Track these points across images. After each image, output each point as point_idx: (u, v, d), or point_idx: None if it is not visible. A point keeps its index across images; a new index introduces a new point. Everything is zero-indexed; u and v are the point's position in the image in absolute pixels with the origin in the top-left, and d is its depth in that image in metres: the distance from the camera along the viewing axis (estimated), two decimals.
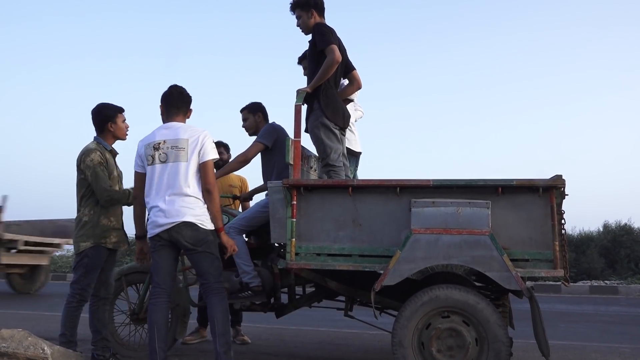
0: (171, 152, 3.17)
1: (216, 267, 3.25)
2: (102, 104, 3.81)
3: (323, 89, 3.77)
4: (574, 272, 11.17)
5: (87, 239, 3.62)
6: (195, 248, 3.15)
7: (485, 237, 2.98)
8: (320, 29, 3.81)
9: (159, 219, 3.14)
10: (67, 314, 3.62)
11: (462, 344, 3.01)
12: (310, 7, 3.90)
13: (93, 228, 3.64)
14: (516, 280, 2.94)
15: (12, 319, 6.16)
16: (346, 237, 3.26)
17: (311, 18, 3.90)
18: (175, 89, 3.39)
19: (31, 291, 9.59)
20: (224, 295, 3.25)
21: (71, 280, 3.69)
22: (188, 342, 4.71)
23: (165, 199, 3.14)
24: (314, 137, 3.81)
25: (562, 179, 3.03)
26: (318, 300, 4.04)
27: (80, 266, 3.62)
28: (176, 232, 3.12)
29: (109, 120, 3.76)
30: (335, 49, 3.68)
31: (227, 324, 3.19)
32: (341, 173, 3.78)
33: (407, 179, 3.21)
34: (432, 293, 3.06)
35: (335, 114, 3.80)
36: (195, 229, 3.14)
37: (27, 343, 3.21)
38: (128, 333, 4.10)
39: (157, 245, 3.20)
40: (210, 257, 3.21)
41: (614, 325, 6.33)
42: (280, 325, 5.33)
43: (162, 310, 3.17)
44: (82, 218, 3.67)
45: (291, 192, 3.27)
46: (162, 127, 3.31)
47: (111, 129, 3.77)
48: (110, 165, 3.75)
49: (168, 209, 3.12)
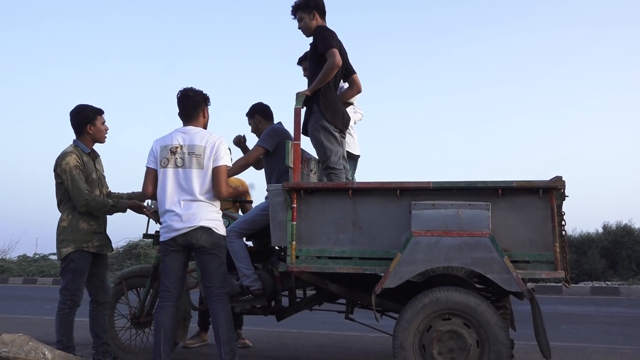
0: (187, 158, 3.17)
1: (222, 272, 3.26)
2: (81, 106, 3.71)
3: (323, 91, 3.77)
4: (575, 274, 11.15)
5: (68, 244, 3.57)
6: (208, 250, 3.17)
7: (485, 239, 2.98)
8: (321, 32, 3.81)
9: (175, 223, 3.14)
10: (60, 320, 3.59)
11: (463, 346, 3.00)
12: (312, 8, 3.91)
13: (73, 233, 3.59)
14: (517, 281, 2.93)
15: (13, 323, 6.16)
16: (346, 240, 3.25)
17: (313, 20, 3.91)
18: (180, 95, 3.35)
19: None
20: (226, 301, 3.25)
21: (60, 287, 3.64)
22: (189, 345, 4.71)
23: (180, 203, 3.14)
24: (314, 139, 3.81)
25: (562, 180, 3.03)
26: (319, 303, 4.03)
27: (67, 271, 3.58)
28: (192, 235, 3.13)
29: (88, 122, 3.68)
30: (336, 53, 3.69)
31: (231, 330, 3.18)
32: (341, 176, 3.78)
33: (407, 181, 3.21)
34: (432, 295, 3.06)
35: (335, 116, 3.80)
36: (210, 233, 3.17)
37: (27, 348, 3.20)
38: (129, 337, 4.10)
39: (169, 250, 3.19)
40: (219, 260, 3.23)
41: (615, 327, 6.32)
42: (281, 329, 5.32)
43: (170, 313, 3.18)
44: (60, 223, 3.62)
45: (291, 195, 3.27)
46: (180, 131, 3.29)
47: (90, 131, 3.69)
48: (89, 169, 3.68)
49: (184, 214, 3.13)
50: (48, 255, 22.68)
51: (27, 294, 10.09)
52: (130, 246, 14.59)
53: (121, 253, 14.90)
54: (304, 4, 3.93)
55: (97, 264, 3.73)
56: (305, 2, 3.92)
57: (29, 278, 15.33)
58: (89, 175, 3.68)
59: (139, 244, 14.39)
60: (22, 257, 19.84)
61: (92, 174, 3.71)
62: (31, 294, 9.62)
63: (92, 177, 3.69)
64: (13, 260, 19.44)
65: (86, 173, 3.65)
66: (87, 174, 3.65)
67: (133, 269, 4.19)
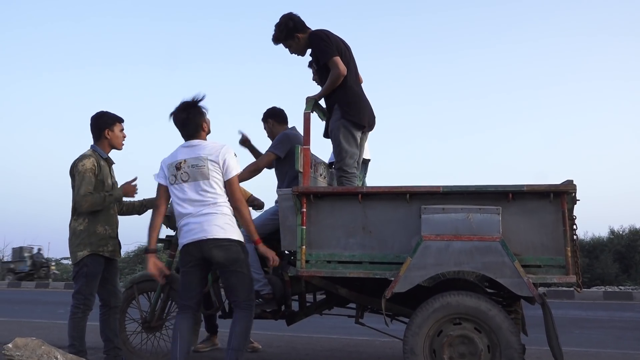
0: (192, 171, 3.15)
1: (246, 285, 3.17)
2: (101, 112, 3.80)
3: (343, 90, 3.73)
4: (587, 278, 11.06)
5: (84, 248, 3.60)
6: (228, 267, 3.12)
7: (496, 243, 2.96)
8: (317, 43, 3.75)
9: (188, 235, 3.13)
10: (73, 325, 3.61)
11: (474, 351, 2.99)
12: (293, 32, 3.84)
13: (89, 236, 3.62)
14: (528, 286, 2.91)
15: (26, 327, 6.22)
16: (356, 244, 3.25)
17: (300, 41, 3.87)
18: (174, 117, 3.27)
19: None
20: (251, 313, 3.19)
21: (73, 291, 3.66)
22: (200, 349, 4.72)
23: (192, 217, 3.12)
24: (333, 137, 3.80)
25: (573, 184, 3.01)
26: (329, 308, 4.03)
27: (81, 276, 3.61)
28: (207, 250, 3.08)
29: (106, 127, 3.75)
30: (338, 62, 3.66)
31: (244, 342, 3.14)
32: (353, 180, 3.78)
33: (417, 185, 3.21)
34: (443, 300, 3.05)
35: (358, 112, 3.76)
36: (226, 249, 3.10)
37: (40, 352, 3.23)
38: (140, 341, 4.12)
39: (187, 265, 3.16)
40: (241, 275, 3.14)
41: (628, 332, 6.26)
42: (291, 333, 5.32)
43: (189, 321, 3.17)
44: (77, 227, 3.64)
45: (301, 200, 3.28)
46: (183, 146, 3.28)
47: (108, 136, 3.76)
48: (104, 173, 3.74)
49: (195, 228, 3.09)
50: (60, 259, 22.86)
51: (40, 298, 10.18)
52: (141, 250, 14.69)
53: (132, 257, 14.99)
54: (282, 37, 3.87)
55: (109, 269, 3.76)
56: (282, 34, 3.85)
57: (41, 282, 15.47)
58: (105, 179, 3.73)
59: None
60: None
61: (107, 179, 3.77)
62: (44, 298, 9.69)
63: (107, 182, 3.75)
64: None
65: (102, 177, 3.71)
66: (103, 178, 3.71)
67: (144, 273, 4.21)
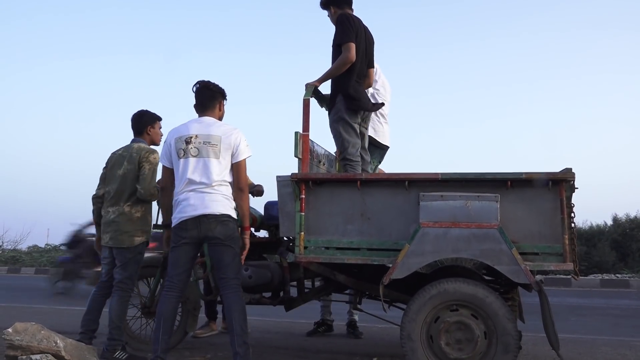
0: (203, 147, 3.13)
1: (236, 263, 3.20)
2: (144, 110, 4.01)
3: (346, 83, 3.79)
4: (585, 266, 11.11)
5: (142, 235, 3.74)
6: (222, 241, 3.12)
7: (494, 230, 2.97)
8: (343, 22, 3.85)
9: (188, 209, 3.11)
10: (122, 311, 3.72)
11: (471, 337, 3.01)
12: (329, 4, 4.02)
13: (145, 225, 3.78)
14: (525, 273, 2.93)
15: (25, 312, 6.25)
16: (355, 231, 3.26)
17: (333, 15, 4.00)
18: (199, 86, 3.36)
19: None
20: (240, 293, 3.20)
21: (121, 276, 3.67)
22: (199, 335, 4.75)
23: (194, 192, 3.10)
24: (333, 130, 3.87)
25: (572, 172, 3.01)
26: (327, 294, 4.05)
27: (133, 262, 3.70)
28: (206, 225, 3.08)
29: (149, 124, 3.96)
30: (352, 48, 3.71)
31: (245, 323, 3.13)
32: (357, 167, 3.80)
33: (415, 172, 3.21)
34: (440, 286, 3.06)
35: (359, 101, 3.84)
36: (225, 224, 3.11)
37: (40, 336, 3.25)
38: (139, 326, 4.15)
39: (180, 241, 3.15)
40: (233, 251, 3.17)
41: (625, 319, 6.30)
42: (289, 319, 5.35)
43: (172, 303, 3.17)
44: (134, 214, 3.72)
45: (300, 186, 3.28)
46: (195, 121, 3.27)
47: (150, 132, 3.97)
48: None
49: (197, 203, 3.08)
50: (59, 245, 22.87)
51: (39, 284, 10.20)
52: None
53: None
54: (322, 3, 4.06)
55: None
56: (322, 1, 4.05)
57: (40, 268, 15.50)
58: None
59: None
60: (33, 248, 20.07)
61: None
62: (43, 284, 9.71)
63: None
64: (24, 250, 19.69)
65: None
66: None
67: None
